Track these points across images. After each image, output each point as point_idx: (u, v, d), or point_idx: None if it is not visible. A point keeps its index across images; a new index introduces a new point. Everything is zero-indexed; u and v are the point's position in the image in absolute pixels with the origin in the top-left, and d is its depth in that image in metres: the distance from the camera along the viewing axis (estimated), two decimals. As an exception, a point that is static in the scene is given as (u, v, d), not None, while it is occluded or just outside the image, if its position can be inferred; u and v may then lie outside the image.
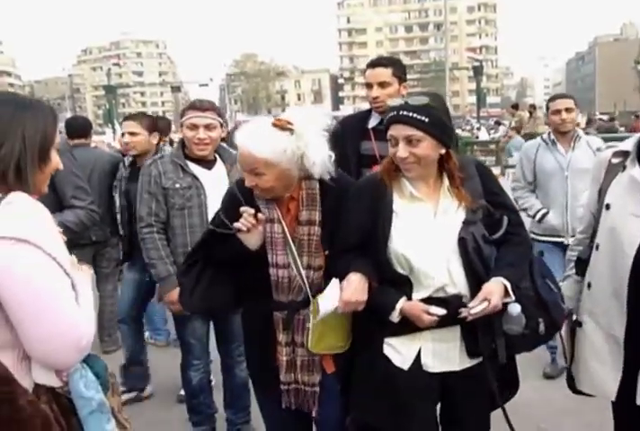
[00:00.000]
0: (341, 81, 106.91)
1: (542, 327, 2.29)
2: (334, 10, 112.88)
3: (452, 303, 2.21)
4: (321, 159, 2.33)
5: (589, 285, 2.39)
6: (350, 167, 3.22)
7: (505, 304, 2.21)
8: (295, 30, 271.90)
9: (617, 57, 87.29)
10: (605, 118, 24.74)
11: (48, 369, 1.58)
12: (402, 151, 2.19)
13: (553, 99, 4.56)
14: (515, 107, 17.30)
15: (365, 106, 3.90)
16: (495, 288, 2.19)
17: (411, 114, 2.17)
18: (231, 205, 2.46)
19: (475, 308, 2.15)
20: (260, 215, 2.35)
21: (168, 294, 3.29)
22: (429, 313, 2.20)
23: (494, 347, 2.27)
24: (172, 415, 4.04)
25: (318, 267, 2.40)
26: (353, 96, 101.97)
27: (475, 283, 2.22)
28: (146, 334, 5.11)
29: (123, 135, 4.25)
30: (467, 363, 2.31)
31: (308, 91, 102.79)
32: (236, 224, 2.34)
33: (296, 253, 2.38)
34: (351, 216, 2.33)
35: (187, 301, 2.60)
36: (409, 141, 2.18)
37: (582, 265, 2.46)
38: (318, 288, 2.38)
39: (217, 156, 3.42)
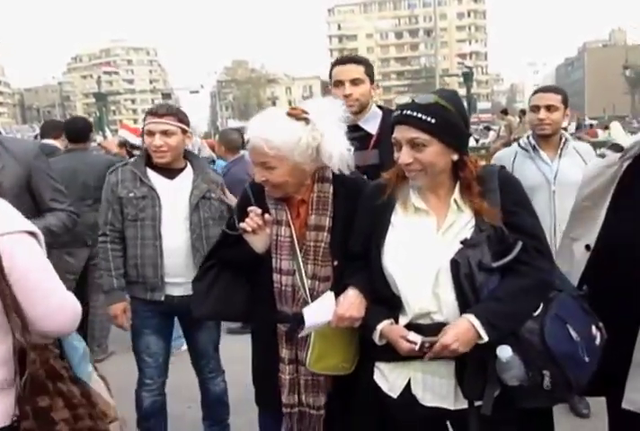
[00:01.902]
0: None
1: (547, 381, 1.89)
2: (325, 16, 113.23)
3: (436, 333, 1.92)
4: (338, 151, 2.19)
5: None
6: None
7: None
8: (285, 36, 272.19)
9: (605, 62, 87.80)
10: (594, 123, 24.79)
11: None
12: (405, 156, 1.96)
13: (536, 91, 3.71)
14: (504, 112, 17.31)
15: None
16: (454, 325, 1.90)
17: (415, 114, 1.92)
18: (243, 205, 2.37)
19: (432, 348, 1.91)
20: (267, 215, 2.26)
21: (111, 307, 3.15)
22: (408, 340, 1.96)
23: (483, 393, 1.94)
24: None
25: (325, 277, 2.27)
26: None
27: None
28: None
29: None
30: (464, 404, 1.99)
31: (299, 97, 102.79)
32: (241, 224, 2.25)
33: (301, 260, 2.27)
34: (356, 224, 2.19)
35: (196, 306, 2.51)
36: (413, 145, 1.95)
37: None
38: None
39: (188, 164, 3.23)
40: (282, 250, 2.29)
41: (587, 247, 2.21)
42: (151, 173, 3.14)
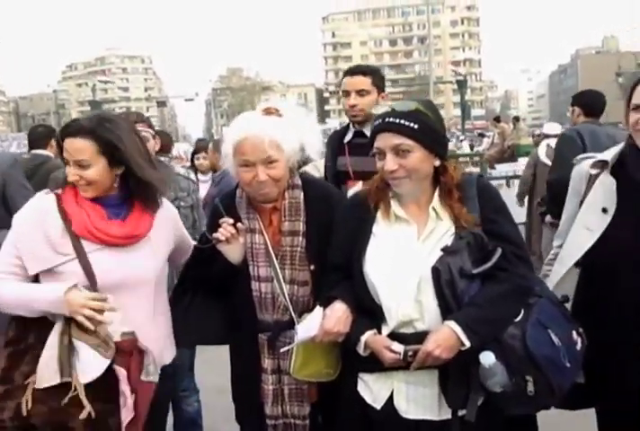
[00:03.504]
0: (326, 95, 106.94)
1: (531, 386, 1.89)
2: (319, 24, 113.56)
3: (419, 343, 1.93)
4: (315, 140, 2.31)
5: None
6: None
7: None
8: (280, 44, 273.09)
9: (598, 69, 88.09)
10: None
11: None
12: (390, 163, 1.98)
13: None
14: (497, 120, 17.37)
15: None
16: (435, 332, 1.91)
17: (398, 120, 1.95)
18: (214, 218, 2.38)
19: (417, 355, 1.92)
20: (239, 224, 2.27)
21: None
22: (391, 350, 1.96)
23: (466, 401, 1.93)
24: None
25: (303, 282, 2.28)
26: (339, 110, 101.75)
27: None
28: None
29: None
30: (448, 414, 1.98)
31: (294, 103, 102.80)
32: (215, 234, 2.25)
33: (277, 266, 2.28)
34: (335, 235, 2.20)
35: (178, 338, 2.45)
36: (397, 152, 1.97)
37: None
38: (305, 307, 2.26)
39: None
40: (258, 258, 2.30)
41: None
42: None
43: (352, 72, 3.39)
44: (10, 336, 2.18)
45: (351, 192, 2.84)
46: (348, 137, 3.40)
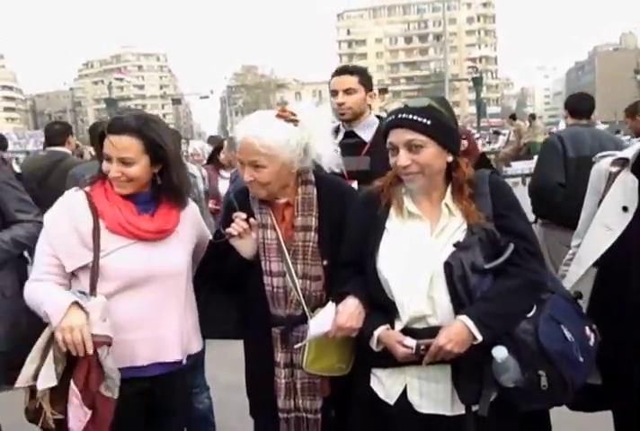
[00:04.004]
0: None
1: (544, 381, 1.89)
2: (334, 22, 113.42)
3: (432, 338, 1.93)
4: (327, 150, 2.30)
5: None
6: None
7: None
8: (295, 42, 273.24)
9: (616, 66, 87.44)
10: (606, 127, 24.66)
11: None
12: (402, 158, 1.98)
13: None
14: (513, 117, 17.28)
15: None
16: (447, 327, 1.92)
17: (411, 116, 1.97)
18: (228, 213, 2.40)
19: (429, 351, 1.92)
20: (252, 220, 2.30)
21: None
22: (404, 345, 1.97)
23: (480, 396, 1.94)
24: None
25: (315, 277, 2.30)
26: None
27: None
28: None
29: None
30: (461, 409, 1.99)
31: (309, 101, 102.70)
32: (227, 229, 2.28)
33: (290, 261, 2.29)
34: (348, 231, 2.21)
35: (201, 329, 2.48)
36: (410, 147, 1.98)
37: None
38: (318, 301, 2.28)
39: None
40: (270, 253, 2.32)
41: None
42: None
43: (339, 72, 3.48)
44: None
45: None
46: (339, 138, 3.41)
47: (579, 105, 4.85)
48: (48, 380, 2.03)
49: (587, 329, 2.05)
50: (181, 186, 2.34)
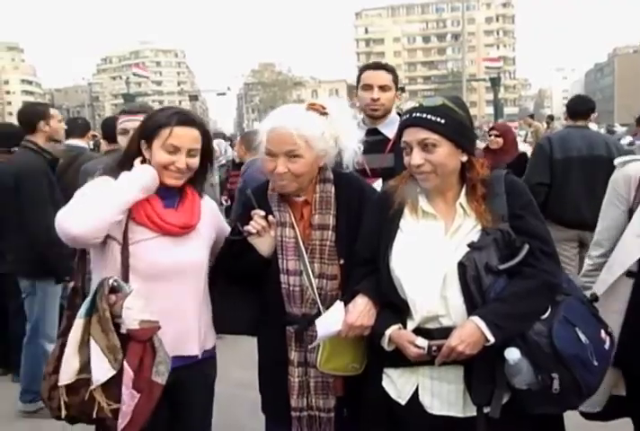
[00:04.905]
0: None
1: (557, 384, 1.86)
2: (352, 20, 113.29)
3: (445, 338, 1.92)
4: (352, 145, 2.31)
5: None
6: None
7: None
8: (312, 40, 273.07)
9: (636, 68, 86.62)
10: (624, 129, 24.40)
11: None
12: (416, 157, 1.98)
13: None
14: (532, 116, 17.18)
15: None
16: (459, 328, 1.90)
17: (424, 115, 1.97)
18: (245, 211, 2.40)
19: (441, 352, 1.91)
20: (271, 217, 2.29)
21: None
22: (416, 345, 1.96)
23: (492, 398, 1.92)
24: None
25: (332, 276, 2.29)
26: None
27: None
28: None
29: None
30: (473, 411, 1.96)
31: (325, 97, 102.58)
32: (246, 227, 2.28)
33: (307, 259, 2.29)
34: (363, 229, 2.21)
35: (215, 323, 2.47)
36: (424, 146, 1.97)
37: None
38: (334, 300, 2.26)
39: None
40: (287, 251, 2.31)
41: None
42: None
43: (374, 67, 3.40)
44: (62, 327, 2.27)
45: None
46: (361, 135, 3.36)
47: (576, 107, 5.09)
48: (105, 371, 2.03)
49: (602, 332, 2.02)
50: (204, 180, 2.44)
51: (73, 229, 2.06)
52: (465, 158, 2.03)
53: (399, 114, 3.41)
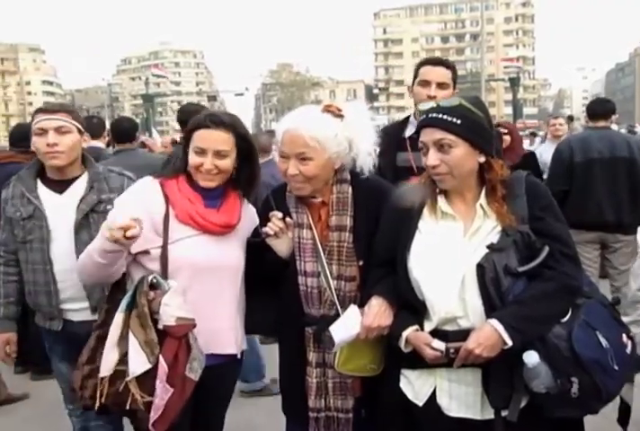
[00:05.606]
0: (375, 91, 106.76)
1: (576, 388, 1.84)
2: (370, 20, 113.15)
3: (463, 340, 1.91)
4: (366, 149, 2.29)
5: None
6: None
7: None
8: (330, 40, 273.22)
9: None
10: (645, 130, 24.11)
11: None
12: (432, 158, 1.97)
13: None
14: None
15: (400, 117, 3.71)
16: (477, 331, 1.89)
17: (441, 116, 1.96)
18: (265, 212, 2.40)
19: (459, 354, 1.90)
20: (288, 219, 2.29)
21: None
22: (432, 347, 1.95)
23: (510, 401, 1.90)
24: None
25: (350, 277, 2.28)
26: (388, 106, 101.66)
27: None
28: None
29: None
30: (491, 414, 1.95)
31: (343, 101, 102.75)
32: (264, 229, 2.28)
33: (325, 261, 2.28)
34: (381, 229, 2.20)
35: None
36: (440, 147, 1.96)
37: None
38: (352, 302, 2.25)
39: (84, 173, 2.81)
40: (305, 253, 2.31)
41: None
42: (41, 188, 2.76)
43: (434, 62, 3.24)
44: (99, 320, 2.31)
45: None
46: (409, 132, 3.20)
47: (596, 108, 5.11)
48: (142, 364, 2.08)
49: (624, 336, 1.99)
50: (256, 179, 2.44)
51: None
52: (483, 159, 2.01)
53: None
